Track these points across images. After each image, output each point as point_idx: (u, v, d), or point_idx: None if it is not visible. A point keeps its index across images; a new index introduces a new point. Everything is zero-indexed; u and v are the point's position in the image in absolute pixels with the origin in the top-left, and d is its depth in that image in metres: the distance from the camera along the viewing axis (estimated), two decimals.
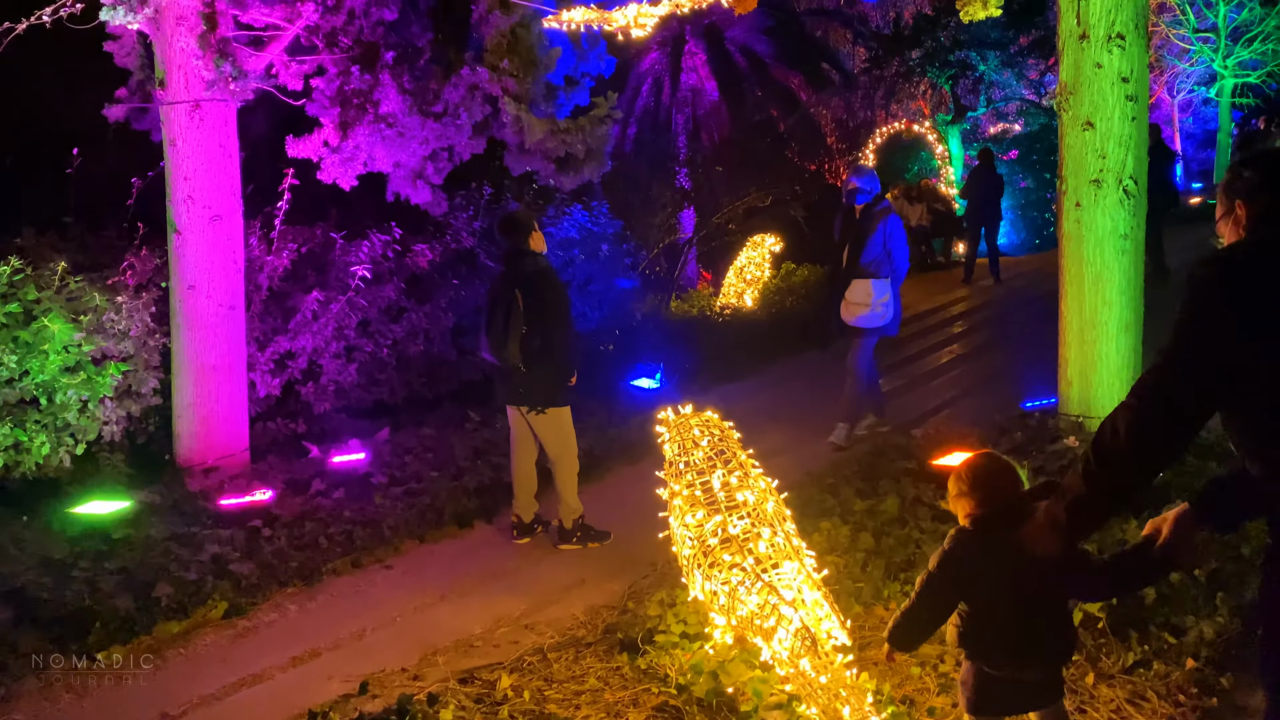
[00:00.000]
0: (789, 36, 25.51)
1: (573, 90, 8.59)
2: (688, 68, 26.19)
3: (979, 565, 2.74)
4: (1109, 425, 2.37)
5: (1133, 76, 6.27)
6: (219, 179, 7.15)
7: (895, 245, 7.74)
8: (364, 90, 7.28)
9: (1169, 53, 26.69)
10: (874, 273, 7.70)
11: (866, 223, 7.71)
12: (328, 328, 8.32)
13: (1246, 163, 2.49)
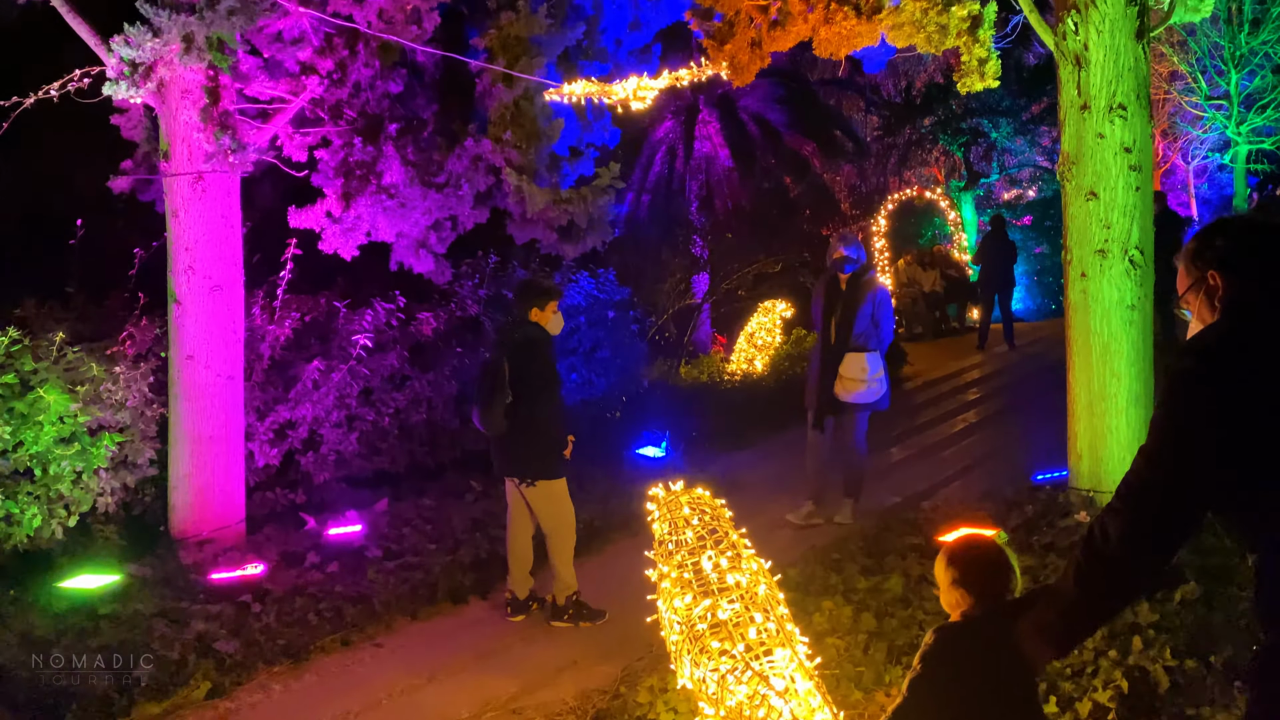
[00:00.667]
0: (802, 106, 25.78)
1: (577, 160, 8.62)
2: (701, 136, 26.48)
3: (964, 666, 2.59)
4: (1099, 528, 2.24)
5: (1135, 146, 6.21)
6: (220, 249, 7.16)
7: (883, 316, 7.49)
8: (367, 161, 7.32)
9: (1182, 119, 26.77)
10: (865, 345, 7.41)
11: (854, 293, 7.43)
12: (329, 397, 8.27)
13: (1217, 229, 2.36)
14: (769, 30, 6.10)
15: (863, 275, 7.50)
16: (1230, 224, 2.38)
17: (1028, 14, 6.35)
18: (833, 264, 7.54)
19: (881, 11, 5.78)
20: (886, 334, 7.56)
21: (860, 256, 7.51)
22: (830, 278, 7.59)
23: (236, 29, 5.88)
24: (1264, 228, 2.31)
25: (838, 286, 7.50)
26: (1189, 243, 2.40)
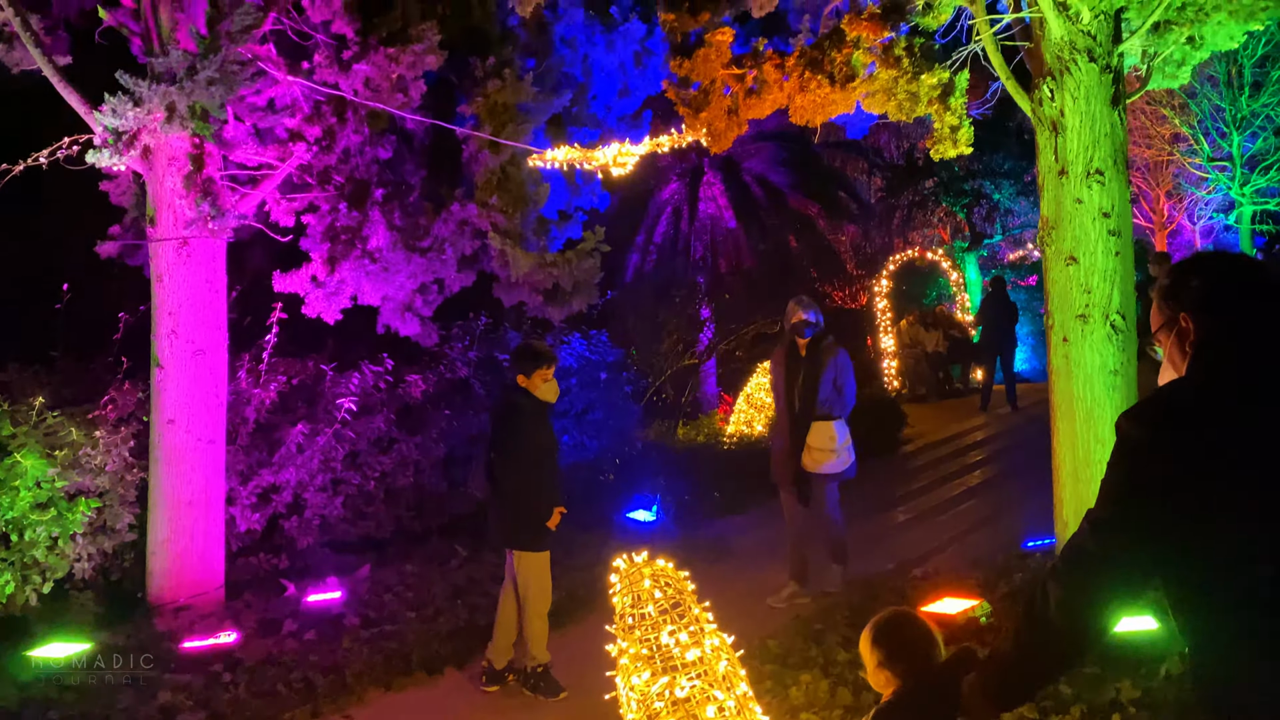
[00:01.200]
0: (805, 168, 26.04)
1: (565, 224, 8.67)
2: (706, 198, 26.73)
3: None
4: (1040, 591, 2.14)
5: (1114, 212, 6.18)
6: (204, 314, 7.19)
7: (846, 381, 7.17)
8: (352, 226, 7.37)
9: (1186, 180, 26.86)
10: (830, 413, 7.10)
11: (815, 359, 7.10)
12: (313, 460, 8.23)
13: (1193, 267, 2.20)
14: (745, 98, 6.14)
15: (823, 340, 7.19)
16: (1207, 262, 2.22)
17: (1004, 81, 6.37)
18: (791, 329, 7.21)
19: (855, 80, 5.81)
20: (850, 399, 7.25)
21: (819, 321, 7.21)
22: (789, 344, 7.27)
23: (217, 98, 5.97)
24: (1243, 269, 2.16)
25: (797, 353, 7.20)
26: (1164, 277, 2.25)
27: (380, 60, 6.95)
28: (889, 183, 23.79)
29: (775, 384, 7.41)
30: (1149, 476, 1.97)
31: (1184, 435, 1.96)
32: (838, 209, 26.25)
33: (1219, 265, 2.20)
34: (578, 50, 8.60)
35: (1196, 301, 2.12)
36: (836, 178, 26.82)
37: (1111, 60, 6.14)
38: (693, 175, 26.53)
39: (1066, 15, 5.97)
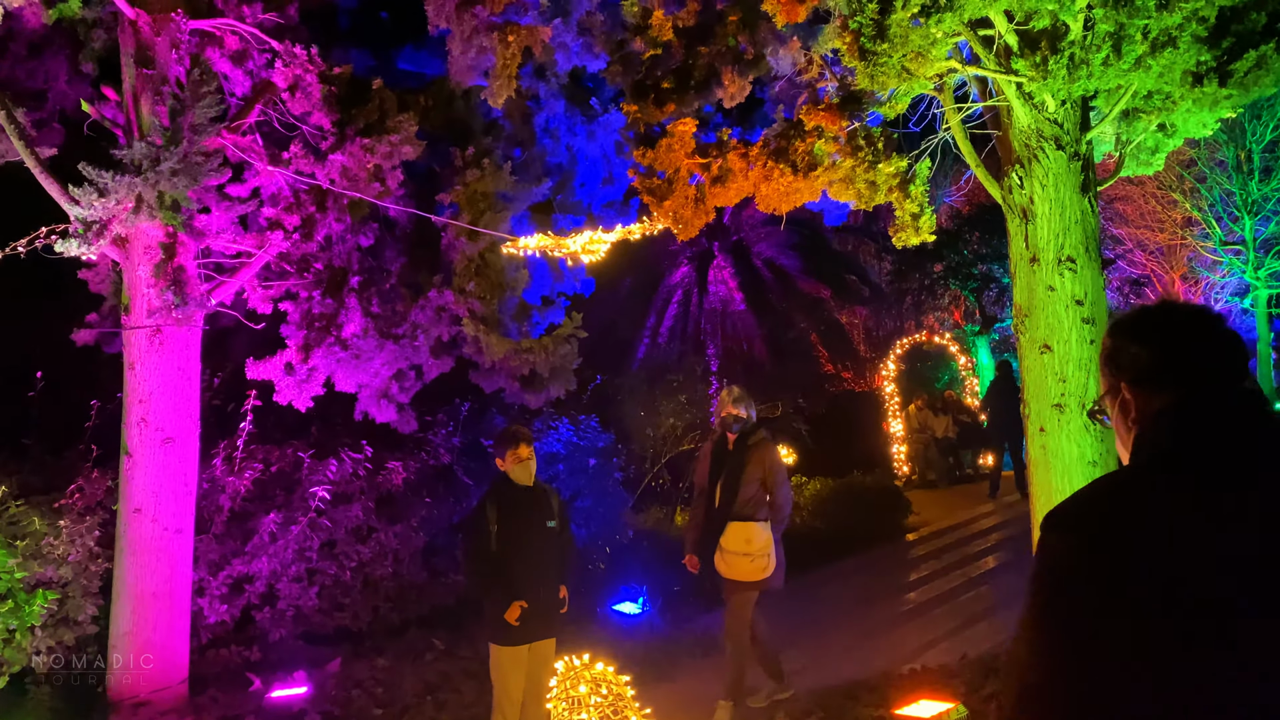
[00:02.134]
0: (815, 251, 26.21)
1: (548, 309, 8.64)
2: (716, 280, 26.90)
3: None
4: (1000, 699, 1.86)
5: (1088, 299, 6.06)
6: (175, 401, 7.15)
7: (776, 483, 6.58)
8: (327, 314, 7.36)
9: (1199, 265, 26.75)
10: (752, 514, 6.48)
11: (741, 455, 6.56)
12: (287, 550, 8.09)
13: (1133, 329, 1.87)
14: (711, 186, 6.12)
15: (752, 435, 6.66)
16: (1150, 322, 1.87)
17: (974, 168, 6.33)
18: (720, 422, 6.76)
19: (817, 169, 5.78)
20: (782, 503, 6.61)
21: (751, 415, 6.72)
22: (718, 437, 6.81)
23: (181, 189, 6.01)
24: (1194, 332, 1.81)
25: (725, 447, 6.69)
26: (1105, 336, 1.96)
27: (356, 151, 7.01)
28: (897, 266, 23.80)
29: (698, 479, 6.85)
30: (1076, 590, 1.56)
31: (1116, 546, 1.54)
32: (848, 292, 26.31)
33: (1165, 327, 1.84)
34: (560, 140, 8.68)
35: (1137, 372, 1.81)
36: (846, 261, 26.93)
37: (1080, 148, 6.09)
38: (703, 259, 26.75)
39: (1032, 104, 5.95)
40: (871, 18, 4.78)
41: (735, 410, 6.64)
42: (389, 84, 8.49)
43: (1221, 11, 5.36)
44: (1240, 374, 1.81)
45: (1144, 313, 1.93)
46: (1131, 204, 26.86)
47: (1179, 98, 5.80)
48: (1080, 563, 1.57)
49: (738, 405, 6.67)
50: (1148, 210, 26.96)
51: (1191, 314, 1.89)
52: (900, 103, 5.62)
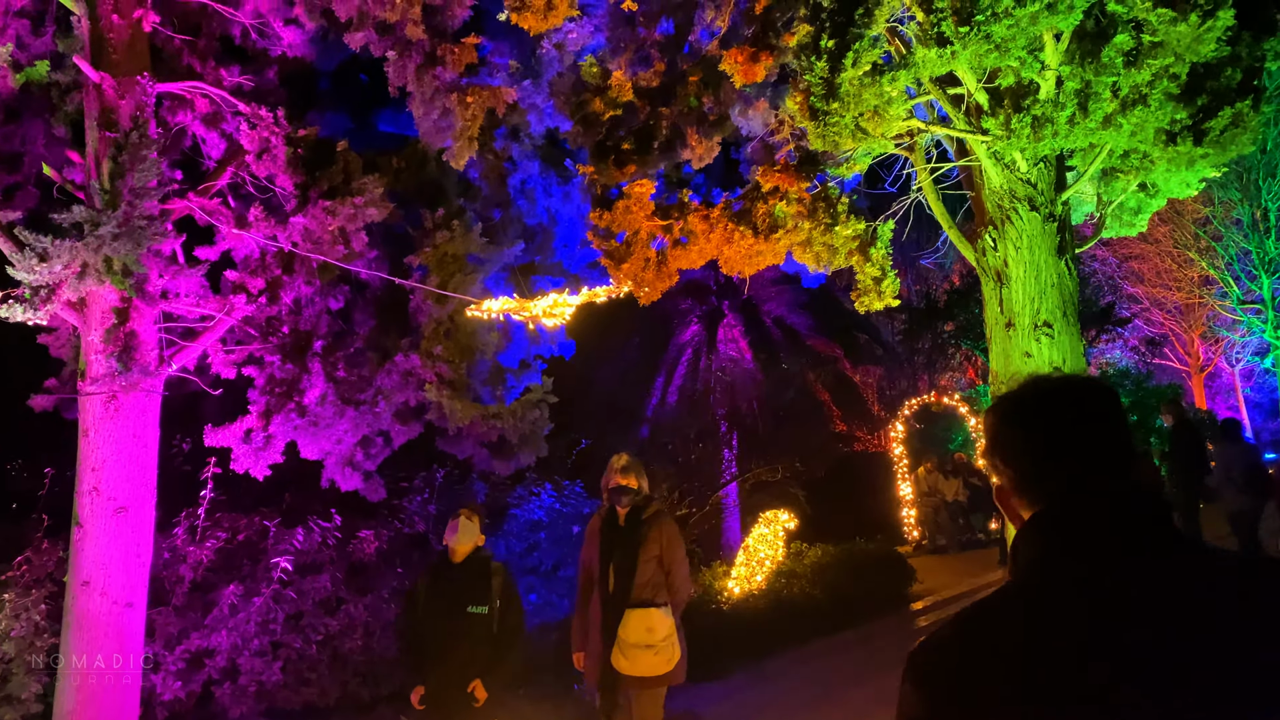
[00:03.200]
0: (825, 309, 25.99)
1: (524, 373, 8.43)
2: (726, 339, 26.73)
3: None
4: None
5: (1066, 365, 5.77)
6: (129, 469, 6.95)
7: (674, 561, 5.76)
8: (288, 380, 7.17)
9: (1219, 324, 26.31)
10: (652, 599, 5.62)
11: (634, 532, 5.68)
12: (249, 623, 7.81)
13: (1012, 409, 1.59)
14: (673, 249, 5.92)
15: (646, 509, 5.78)
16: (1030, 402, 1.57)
17: (947, 230, 6.10)
18: (609, 495, 5.82)
19: (778, 231, 5.57)
20: (680, 584, 5.81)
21: (643, 486, 5.84)
22: (607, 511, 5.86)
23: (125, 253, 5.88)
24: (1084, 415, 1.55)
25: (615, 524, 5.78)
26: (988, 415, 1.66)
27: (318, 213, 6.88)
28: (908, 326, 23.54)
29: (586, 560, 5.93)
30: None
31: (968, 702, 1.37)
32: (859, 351, 26.03)
33: (1047, 409, 1.55)
34: (536, 202, 8.55)
35: (1013, 458, 1.54)
36: (858, 320, 26.67)
37: (1055, 209, 5.85)
38: (712, 317, 26.61)
39: (1004, 164, 5.73)
40: (821, 76, 4.59)
41: (625, 480, 5.72)
42: (368, 146, 8.43)
43: (1194, 69, 5.14)
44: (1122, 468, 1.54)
45: (1032, 383, 1.64)
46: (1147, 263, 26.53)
47: (1156, 157, 5.57)
48: (932, 688, 1.42)
49: (627, 475, 5.76)
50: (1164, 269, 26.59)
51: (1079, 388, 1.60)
52: (859, 163, 5.42)
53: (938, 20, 4.79)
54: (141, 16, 7.18)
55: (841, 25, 4.70)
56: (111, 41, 7.09)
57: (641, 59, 6.54)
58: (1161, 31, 4.86)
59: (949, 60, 4.84)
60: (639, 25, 6.67)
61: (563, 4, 5.59)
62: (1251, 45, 5.16)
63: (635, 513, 5.71)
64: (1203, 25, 4.77)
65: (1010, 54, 4.77)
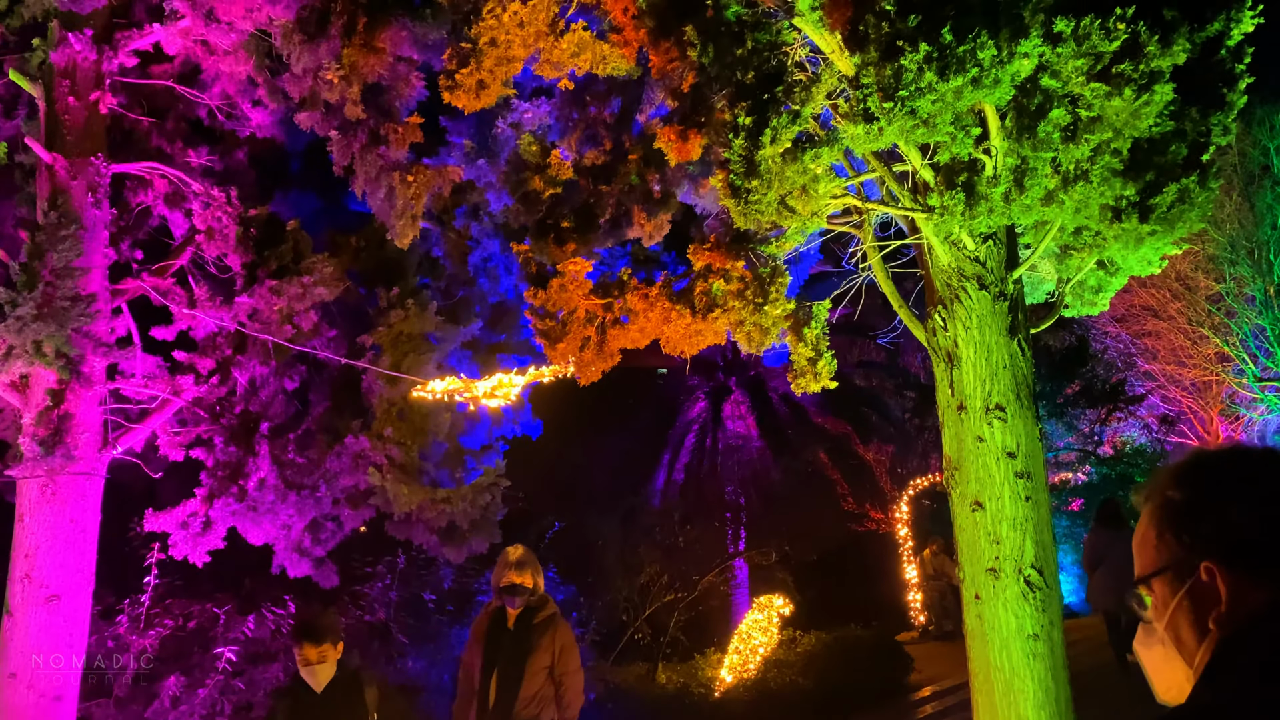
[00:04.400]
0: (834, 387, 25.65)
1: (485, 455, 8.22)
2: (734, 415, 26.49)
3: None
4: None
5: (1020, 451, 5.49)
6: (65, 555, 6.77)
7: (568, 669, 5.14)
8: (231, 463, 7.00)
9: (1237, 401, 25.80)
10: (536, 716, 5.01)
11: (524, 637, 5.06)
12: (192, 716, 7.51)
13: (1227, 479, 1.32)
14: (612, 328, 5.75)
15: (540, 611, 5.15)
16: (1255, 470, 1.33)
17: (897, 309, 5.89)
18: (499, 593, 5.19)
19: (715, 310, 5.39)
20: (572, 700, 5.16)
21: (538, 584, 5.21)
22: (494, 612, 5.23)
23: (48, 335, 5.78)
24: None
25: (503, 626, 5.13)
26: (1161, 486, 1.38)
27: (264, 293, 6.78)
28: (915, 402, 23.20)
29: (467, 665, 5.25)
30: None
31: None
32: (868, 428, 25.66)
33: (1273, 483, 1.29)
34: (499, 280, 8.45)
35: (1236, 544, 1.27)
36: (867, 397, 26.36)
37: (1006, 287, 5.63)
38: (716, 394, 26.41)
39: (950, 241, 5.54)
40: (740, 154, 4.45)
41: (519, 578, 5.08)
42: (337, 225, 8.38)
43: (1138, 144, 4.96)
44: None
45: (1238, 452, 1.37)
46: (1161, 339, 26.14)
47: (1106, 234, 5.37)
48: None
49: (522, 571, 5.11)
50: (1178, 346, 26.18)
51: None
52: (790, 241, 5.25)
53: (863, 96, 4.66)
54: (99, 98, 7.21)
55: (762, 102, 4.57)
56: (66, 123, 7.11)
57: (590, 137, 6.47)
58: (1097, 106, 4.70)
59: (876, 137, 4.69)
60: (590, 104, 6.61)
61: (495, 84, 5.54)
62: (1197, 120, 4.98)
63: (528, 614, 5.11)
64: (1138, 100, 4.60)
65: (938, 130, 4.62)
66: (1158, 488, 1.38)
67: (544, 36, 5.58)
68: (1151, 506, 1.37)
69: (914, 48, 4.46)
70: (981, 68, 4.43)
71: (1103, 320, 24.05)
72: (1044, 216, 5.16)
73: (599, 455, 19.44)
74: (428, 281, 8.54)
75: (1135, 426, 25.85)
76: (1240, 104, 5.11)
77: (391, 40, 6.27)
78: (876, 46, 4.68)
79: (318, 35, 6.06)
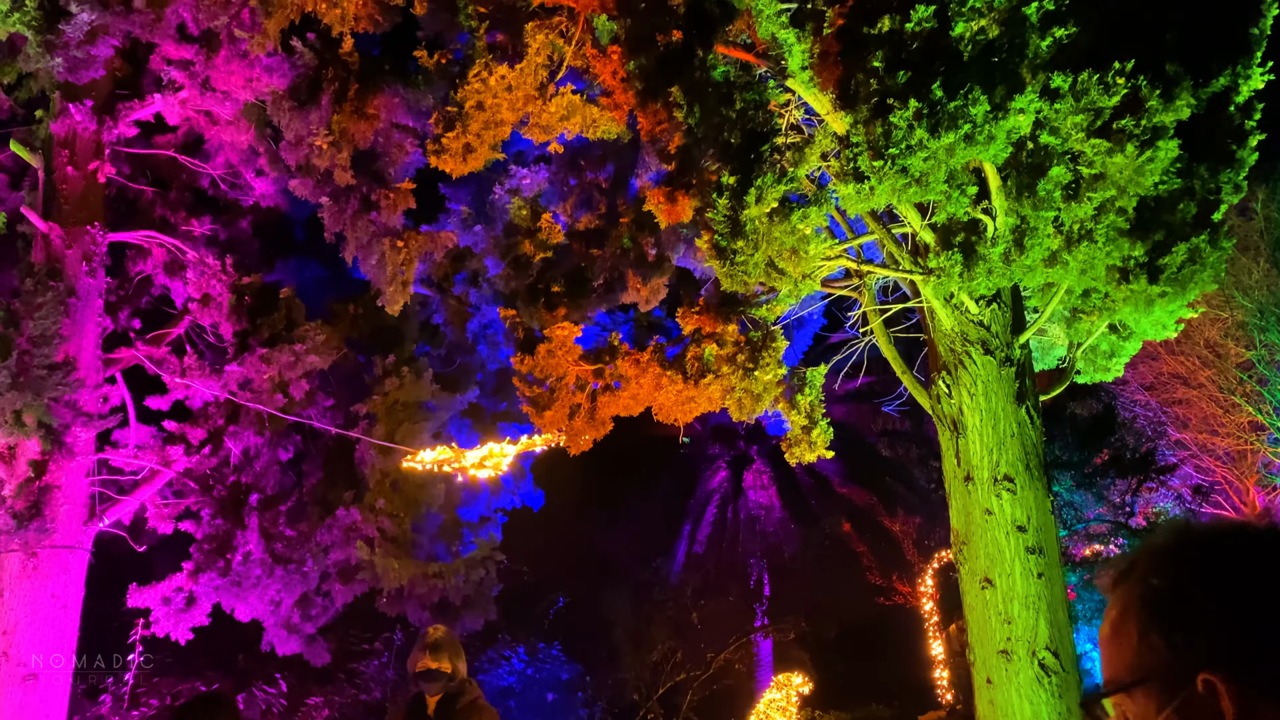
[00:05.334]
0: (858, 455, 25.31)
1: (482, 528, 7.99)
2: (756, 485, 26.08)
3: None
4: None
5: (1031, 525, 5.20)
6: (45, 632, 6.57)
7: None
8: (217, 536, 6.81)
9: (1273, 471, 25.14)
10: None
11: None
12: None
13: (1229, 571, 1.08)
14: (602, 395, 5.55)
15: (462, 697, 4.74)
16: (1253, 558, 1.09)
17: (900, 375, 5.67)
18: (415, 680, 4.72)
19: (708, 376, 5.18)
20: None
21: (459, 669, 4.79)
22: (414, 700, 4.85)
23: (25, 405, 5.65)
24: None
25: (423, 714, 4.75)
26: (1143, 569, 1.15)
27: (254, 361, 6.65)
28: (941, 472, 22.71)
29: None
30: None
31: None
32: (893, 498, 25.16)
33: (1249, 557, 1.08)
34: (499, 347, 8.30)
35: (1246, 651, 1.03)
36: (892, 466, 25.88)
37: (1012, 352, 5.39)
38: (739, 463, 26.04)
39: (952, 304, 5.33)
40: (724, 213, 4.29)
41: (435, 663, 4.67)
42: (339, 293, 8.30)
43: (1145, 202, 4.75)
44: None
45: (1241, 534, 1.12)
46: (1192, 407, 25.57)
47: (1114, 296, 5.13)
48: None
49: (439, 655, 4.69)
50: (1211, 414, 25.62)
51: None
52: (781, 304, 5.06)
53: (854, 155, 4.50)
54: (97, 168, 7.21)
55: (747, 162, 4.42)
56: (64, 192, 7.10)
57: (585, 202, 6.36)
58: (1099, 163, 4.50)
59: (868, 196, 4.51)
60: (586, 169, 6.51)
61: (482, 148, 5.45)
62: (1206, 178, 4.77)
63: (448, 702, 4.70)
64: (1141, 156, 4.41)
65: (931, 188, 4.44)
66: (1138, 571, 1.14)
67: (533, 100, 5.49)
68: (1128, 595, 1.13)
69: (904, 104, 4.30)
70: (974, 124, 4.26)
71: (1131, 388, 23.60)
72: (1049, 278, 4.94)
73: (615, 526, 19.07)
74: (428, 349, 8.41)
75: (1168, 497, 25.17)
76: (1251, 160, 4.91)
77: (384, 106, 6.23)
78: (867, 104, 4.53)
79: (308, 102, 6.03)
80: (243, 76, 6.81)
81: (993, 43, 4.51)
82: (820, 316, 6.21)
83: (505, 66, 5.39)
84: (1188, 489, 26.69)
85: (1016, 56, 4.50)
